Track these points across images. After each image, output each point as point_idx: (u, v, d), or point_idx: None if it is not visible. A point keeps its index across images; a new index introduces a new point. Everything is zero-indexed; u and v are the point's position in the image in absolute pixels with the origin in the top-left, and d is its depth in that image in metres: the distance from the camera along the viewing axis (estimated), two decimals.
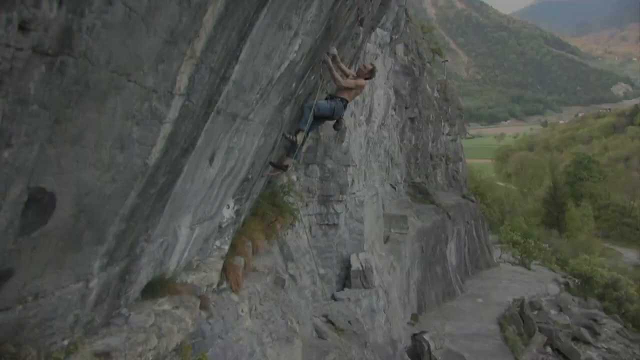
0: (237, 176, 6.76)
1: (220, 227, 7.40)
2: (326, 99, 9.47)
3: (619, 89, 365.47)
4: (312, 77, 9.06)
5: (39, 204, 2.43)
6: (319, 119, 9.44)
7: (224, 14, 3.29)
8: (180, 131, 3.67)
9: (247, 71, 4.57)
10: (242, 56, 4.22)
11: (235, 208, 7.78)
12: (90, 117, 2.40)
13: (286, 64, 5.76)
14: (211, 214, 6.50)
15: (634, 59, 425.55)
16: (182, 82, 3.24)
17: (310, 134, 10.85)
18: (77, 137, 2.40)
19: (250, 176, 7.60)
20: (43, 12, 1.75)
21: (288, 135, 9.02)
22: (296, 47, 5.77)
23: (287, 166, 8.95)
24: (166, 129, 3.36)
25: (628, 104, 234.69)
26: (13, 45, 1.70)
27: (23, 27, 1.71)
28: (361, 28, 12.99)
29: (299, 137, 9.07)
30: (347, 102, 9.29)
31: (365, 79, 9.47)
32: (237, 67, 4.23)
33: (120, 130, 2.78)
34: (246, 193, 8.02)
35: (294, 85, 7.19)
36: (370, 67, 9.38)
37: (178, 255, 5.90)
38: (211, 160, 5.15)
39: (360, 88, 9.32)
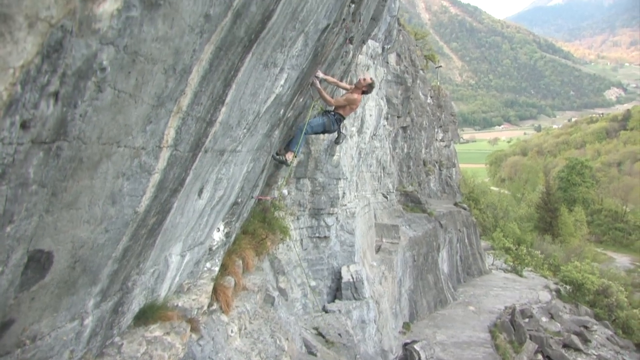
0: (227, 202, 6.98)
1: (210, 249, 7.62)
2: (321, 114, 9.70)
3: (611, 94, 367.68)
4: (301, 100, 9.29)
5: (37, 262, 2.66)
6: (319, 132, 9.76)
7: (208, 70, 3.52)
8: (169, 177, 3.90)
9: (233, 111, 4.79)
10: (228, 99, 4.44)
11: (226, 230, 8.00)
12: (84, 184, 2.63)
13: (273, 97, 5.99)
14: (201, 240, 6.72)
15: (626, 64, 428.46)
16: (170, 135, 3.46)
17: (301, 150, 11.09)
18: (72, 202, 2.63)
19: (239, 200, 7.82)
20: (41, 111, 1.98)
21: (278, 157, 9.27)
22: (282, 82, 6.01)
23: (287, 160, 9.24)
24: (155, 178, 3.58)
25: (620, 109, 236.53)
26: (15, 142, 1.93)
27: (24, 126, 1.94)
28: (351, 45, 13.22)
29: (289, 157, 9.33)
30: (342, 117, 9.54)
31: (363, 92, 9.66)
32: (223, 109, 4.45)
33: (112, 188, 3.00)
34: (236, 215, 8.24)
35: (282, 111, 7.41)
36: (369, 81, 9.58)
37: (169, 282, 6.11)
38: (200, 192, 5.38)
39: (354, 103, 9.51)
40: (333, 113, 9.43)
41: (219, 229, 7.74)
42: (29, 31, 1.73)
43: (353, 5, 9.86)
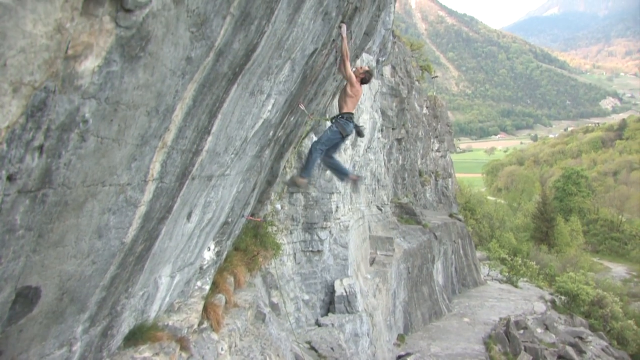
0: (216, 223, 7.11)
1: (201, 268, 7.74)
2: (330, 124, 9.27)
3: (607, 104, 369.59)
4: (292, 119, 9.41)
5: (25, 297, 2.79)
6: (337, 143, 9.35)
7: (192, 106, 3.66)
8: (155, 207, 4.03)
9: (220, 139, 4.93)
10: (214, 129, 4.58)
11: (216, 249, 8.13)
12: (70, 223, 2.77)
13: (260, 122, 6.13)
14: (191, 260, 6.85)
15: (622, 73, 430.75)
16: (155, 169, 3.60)
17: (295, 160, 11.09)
18: (59, 241, 2.77)
19: (230, 219, 7.95)
20: (26, 164, 2.12)
21: (293, 185, 9.12)
22: (269, 107, 6.15)
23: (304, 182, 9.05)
24: (141, 210, 3.72)
25: (616, 118, 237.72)
26: (2, 193, 2.07)
27: (10, 179, 2.07)
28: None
29: (302, 182, 9.02)
30: (352, 115, 9.03)
31: (362, 81, 9.30)
32: (209, 139, 4.59)
33: (98, 223, 3.14)
34: (227, 234, 8.37)
35: (271, 133, 7.55)
36: (366, 68, 9.32)
37: (159, 302, 6.23)
38: (189, 216, 5.50)
39: (357, 95, 9.00)
40: (341, 115, 8.94)
41: (209, 248, 7.87)
42: (13, 95, 1.87)
43: (344, 25, 9.99)
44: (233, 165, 6.13)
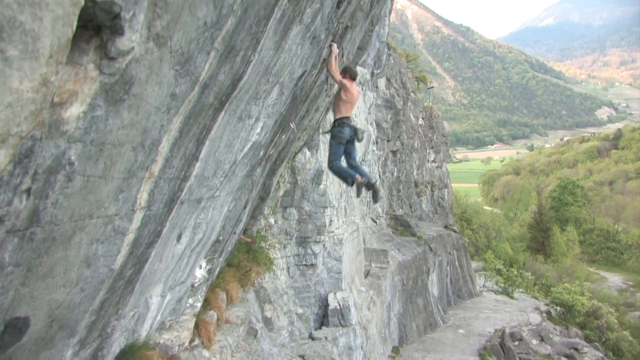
0: (207, 243, 7.22)
1: (193, 286, 7.84)
2: (330, 138, 9.23)
3: (602, 113, 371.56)
4: (284, 137, 9.54)
5: (14, 327, 2.90)
6: (346, 151, 9.20)
7: (178, 137, 3.78)
8: (144, 234, 4.15)
9: (208, 164, 5.05)
10: (202, 155, 4.70)
11: (208, 267, 8.23)
12: (59, 256, 2.88)
13: (249, 145, 6.26)
14: (182, 279, 6.95)
15: (617, 83, 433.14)
16: (143, 198, 3.72)
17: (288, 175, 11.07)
18: (48, 273, 2.88)
19: (221, 238, 8.06)
20: (15, 207, 2.23)
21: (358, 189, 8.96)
22: (258, 130, 6.27)
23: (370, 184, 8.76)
24: (129, 237, 3.83)
25: (612, 128, 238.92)
26: None
27: None
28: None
29: (359, 180, 8.84)
30: (345, 119, 8.89)
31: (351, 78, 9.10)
32: (197, 164, 4.71)
33: (86, 253, 3.25)
34: (219, 252, 8.47)
35: (262, 152, 7.67)
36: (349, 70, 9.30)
37: (150, 321, 6.33)
38: (179, 238, 5.61)
39: (353, 97, 8.93)
40: (337, 123, 8.82)
41: (201, 266, 7.97)
42: (1, 146, 1.99)
43: (334, 44, 10.11)
44: (223, 187, 6.25)
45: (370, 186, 8.83)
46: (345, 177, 8.87)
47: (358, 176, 8.65)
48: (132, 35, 2.42)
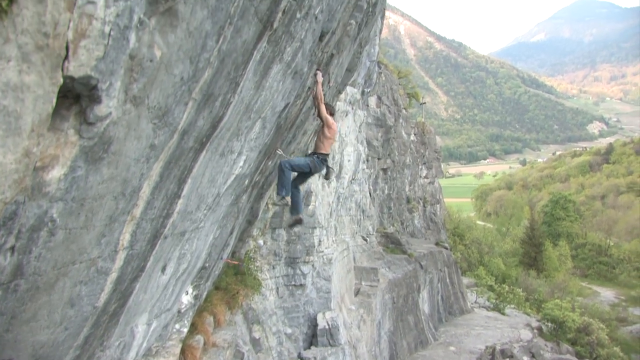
0: (193, 271, 7.38)
1: (179, 312, 7.99)
2: (305, 156, 9.55)
3: (594, 128, 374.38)
4: (270, 163, 9.73)
5: None
6: (305, 175, 9.56)
7: (159, 181, 3.98)
8: (127, 271, 4.33)
9: (191, 200, 5.24)
10: (184, 192, 4.89)
11: (195, 293, 8.39)
12: (43, 301, 3.07)
13: (232, 178, 6.45)
14: (168, 307, 7.10)
15: (607, 98, 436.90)
16: (125, 239, 3.91)
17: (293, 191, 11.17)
18: (32, 318, 3.06)
19: (207, 264, 8.22)
20: (0, 266, 2.44)
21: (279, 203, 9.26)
22: (241, 163, 6.47)
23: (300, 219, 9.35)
24: (113, 276, 4.01)
25: (603, 142, 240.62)
26: None
27: None
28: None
29: (288, 200, 9.23)
30: (327, 156, 9.16)
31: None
32: (180, 201, 4.90)
33: (70, 295, 3.43)
34: (205, 277, 8.64)
35: (247, 182, 7.86)
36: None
37: (136, 349, 6.47)
38: (163, 269, 5.79)
39: (335, 135, 9.13)
40: (317, 155, 9.02)
41: (187, 292, 8.13)
42: None
43: (319, 73, 10.30)
44: (207, 218, 6.44)
45: (294, 216, 9.40)
46: (285, 185, 9.15)
47: (288, 198, 8.95)
48: (109, 102, 2.63)
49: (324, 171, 9.57)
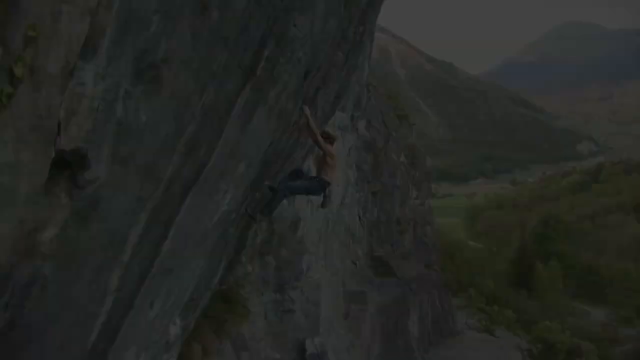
0: (180, 303, 7.55)
1: (167, 342, 8.13)
2: (307, 178, 9.71)
3: (583, 147, 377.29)
4: (257, 194, 9.92)
5: None
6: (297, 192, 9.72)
7: (145, 227, 4.20)
8: (116, 311, 4.53)
9: (178, 240, 5.44)
10: (171, 233, 5.10)
11: (182, 324, 8.53)
12: (34, 348, 3.27)
13: (219, 214, 6.66)
14: (156, 339, 7.26)
15: (596, 118, 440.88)
16: (113, 283, 4.12)
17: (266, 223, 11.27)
18: None
19: (195, 296, 8.39)
20: None
21: (252, 216, 9.48)
22: (228, 200, 6.68)
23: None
24: (100, 318, 4.22)
25: (592, 161, 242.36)
26: None
27: None
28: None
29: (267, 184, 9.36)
30: (330, 184, 9.29)
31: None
32: (166, 242, 5.11)
33: (60, 340, 3.63)
34: (193, 308, 8.79)
35: (234, 215, 8.06)
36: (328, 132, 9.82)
37: None
38: (151, 305, 5.96)
39: (336, 163, 9.43)
40: (318, 178, 9.23)
41: (175, 322, 8.27)
42: None
43: (306, 107, 10.48)
44: (194, 254, 6.63)
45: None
46: (274, 208, 9.42)
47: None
48: (98, 166, 2.87)
49: (320, 199, 9.76)
